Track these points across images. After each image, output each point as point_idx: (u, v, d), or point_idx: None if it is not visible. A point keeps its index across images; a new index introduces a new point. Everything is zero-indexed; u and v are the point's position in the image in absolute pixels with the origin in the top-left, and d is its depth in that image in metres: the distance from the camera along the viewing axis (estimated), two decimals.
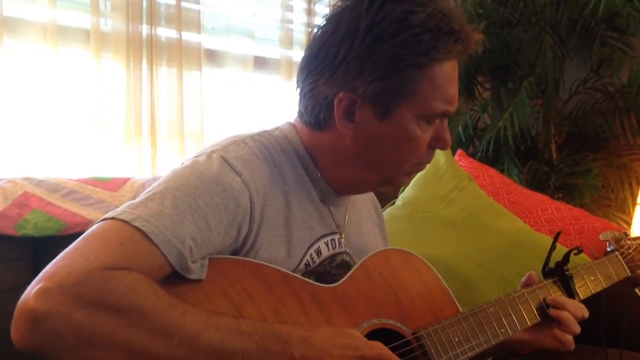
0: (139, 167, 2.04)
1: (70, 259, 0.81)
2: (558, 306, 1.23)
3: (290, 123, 1.14)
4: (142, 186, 1.66)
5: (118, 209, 0.89)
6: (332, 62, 1.03)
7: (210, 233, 0.92)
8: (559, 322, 1.23)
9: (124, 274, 0.80)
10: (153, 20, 2.05)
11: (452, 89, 1.05)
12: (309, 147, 1.10)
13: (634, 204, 2.46)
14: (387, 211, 2.00)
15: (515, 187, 2.13)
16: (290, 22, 2.52)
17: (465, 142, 2.77)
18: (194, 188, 0.93)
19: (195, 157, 1.01)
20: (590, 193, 2.58)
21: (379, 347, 0.95)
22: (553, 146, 2.79)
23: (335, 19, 1.05)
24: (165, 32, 2.10)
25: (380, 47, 0.99)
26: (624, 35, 2.73)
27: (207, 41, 2.26)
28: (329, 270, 1.11)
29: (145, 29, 2.03)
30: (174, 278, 0.88)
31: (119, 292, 0.78)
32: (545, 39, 2.71)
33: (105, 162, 1.97)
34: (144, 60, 2.03)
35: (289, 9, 2.52)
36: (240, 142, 1.05)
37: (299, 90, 1.10)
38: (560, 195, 2.65)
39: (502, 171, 2.55)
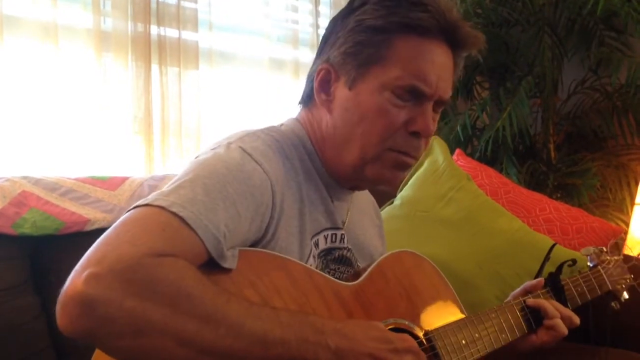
0: (139, 166, 2.04)
1: (115, 244, 0.79)
2: (538, 307, 1.27)
3: (295, 118, 1.16)
4: (140, 185, 1.65)
5: (149, 197, 0.87)
6: (323, 42, 1.12)
7: (240, 220, 0.92)
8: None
9: (173, 261, 0.80)
10: (153, 19, 2.05)
11: (428, 68, 1.04)
12: (314, 140, 1.12)
13: (632, 203, 2.46)
14: (386, 210, 2.00)
15: (513, 187, 2.13)
16: (297, 22, 2.52)
17: (463, 142, 2.76)
18: (222, 176, 0.93)
19: (213, 149, 1.01)
20: (589, 193, 2.58)
21: (408, 339, 0.96)
22: (551, 146, 2.80)
23: None
24: (165, 32, 2.10)
25: (350, 17, 1.06)
26: (622, 35, 2.73)
27: (207, 40, 2.26)
28: (327, 264, 1.12)
29: (146, 28, 2.03)
30: (205, 267, 0.87)
31: (169, 279, 0.78)
32: (544, 38, 2.71)
33: (104, 161, 1.97)
34: (145, 60, 2.03)
35: (295, 9, 2.52)
36: (253, 134, 1.06)
37: None
38: (559, 195, 2.65)
39: (500, 171, 2.56)
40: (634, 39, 2.69)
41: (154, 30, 2.05)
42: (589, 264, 1.54)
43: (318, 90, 1.08)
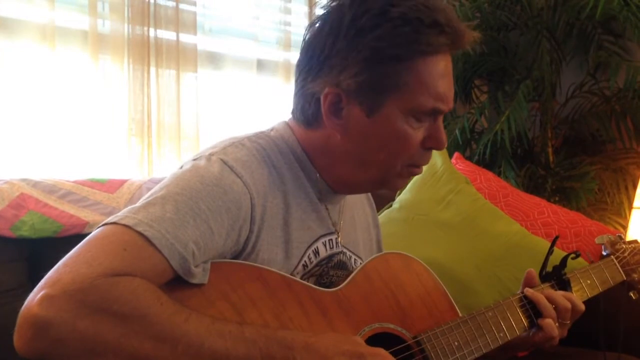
0: (136, 169, 2.04)
1: (74, 264, 0.79)
2: (535, 300, 1.21)
3: (286, 123, 1.14)
4: (139, 188, 1.65)
5: (119, 214, 0.88)
6: (318, 59, 1.04)
7: (213, 237, 0.91)
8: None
9: (128, 280, 0.80)
10: (151, 22, 2.05)
11: (443, 85, 1.03)
12: (305, 146, 1.10)
13: (630, 207, 2.46)
14: (384, 214, 2.00)
15: (512, 190, 2.13)
16: (289, 24, 2.52)
17: (462, 145, 2.77)
18: (195, 192, 0.92)
19: (194, 160, 1.01)
20: (587, 196, 2.58)
21: (382, 354, 0.94)
22: (550, 149, 2.80)
23: (324, 17, 1.06)
24: (163, 34, 2.10)
25: (361, 41, 1.00)
26: (620, 39, 2.74)
27: (204, 43, 2.26)
28: (327, 271, 1.11)
29: (143, 31, 2.03)
30: (176, 282, 0.87)
31: (123, 299, 0.78)
32: (542, 42, 2.72)
33: (102, 164, 1.97)
34: (142, 62, 2.03)
35: (288, 11, 2.52)
36: (238, 143, 1.04)
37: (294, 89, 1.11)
38: (557, 198, 2.65)
39: (499, 174, 2.55)
40: (632, 43, 2.69)
41: (151, 32, 2.05)
42: (603, 252, 1.48)
43: (328, 114, 1.04)
